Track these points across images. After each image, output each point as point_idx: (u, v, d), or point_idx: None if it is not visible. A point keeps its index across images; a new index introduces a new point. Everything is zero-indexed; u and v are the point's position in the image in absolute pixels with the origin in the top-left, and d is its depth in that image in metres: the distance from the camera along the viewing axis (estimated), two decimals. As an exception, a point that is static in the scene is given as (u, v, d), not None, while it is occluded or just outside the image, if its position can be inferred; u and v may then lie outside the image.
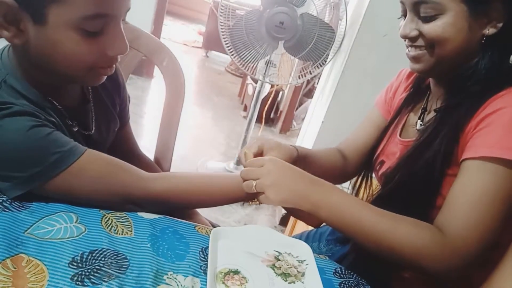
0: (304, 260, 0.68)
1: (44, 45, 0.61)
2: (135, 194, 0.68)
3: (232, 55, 2.08)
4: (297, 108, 3.38)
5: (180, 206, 0.76)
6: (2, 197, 0.62)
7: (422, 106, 0.85)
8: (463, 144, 0.68)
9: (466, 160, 0.65)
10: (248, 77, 3.36)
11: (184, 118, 1.12)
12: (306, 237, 1.07)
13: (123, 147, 0.98)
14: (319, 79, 2.47)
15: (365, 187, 0.95)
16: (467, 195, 0.63)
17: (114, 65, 0.70)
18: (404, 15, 0.75)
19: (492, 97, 0.66)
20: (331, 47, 2.00)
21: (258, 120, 2.77)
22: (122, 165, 0.69)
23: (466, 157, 0.66)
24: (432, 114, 0.79)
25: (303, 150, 0.88)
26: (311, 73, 2.15)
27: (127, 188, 0.67)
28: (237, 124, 3.40)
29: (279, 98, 3.47)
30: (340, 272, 0.70)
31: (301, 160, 0.85)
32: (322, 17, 2.01)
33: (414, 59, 0.75)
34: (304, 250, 0.70)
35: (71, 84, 0.75)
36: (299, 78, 2.21)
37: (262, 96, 2.37)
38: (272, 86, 2.96)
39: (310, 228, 1.11)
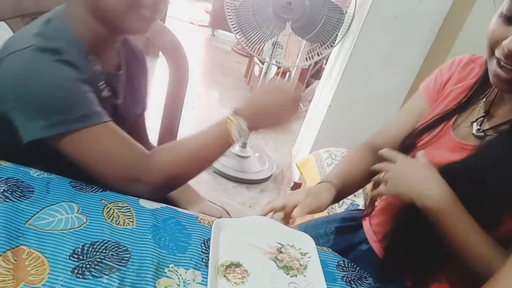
0: (306, 253, 0.67)
1: None
2: (141, 174, 0.69)
3: (239, 36, 2.04)
4: (304, 90, 3.34)
5: (183, 176, 0.75)
6: (2, 187, 0.61)
7: (485, 109, 0.74)
8: None
9: None
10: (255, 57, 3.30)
11: (189, 99, 1.11)
12: (304, 227, 1.02)
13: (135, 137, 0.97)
14: (327, 60, 2.43)
15: None
16: None
17: (152, 7, 0.70)
18: (508, 20, 0.60)
19: None
20: (340, 29, 1.95)
21: (264, 102, 2.73)
22: (138, 149, 0.70)
23: None
24: (497, 121, 0.70)
25: (339, 179, 0.83)
26: (318, 55, 2.11)
27: (134, 170, 0.69)
28: (243, 106, 3.37)
29: (286, 79, 3.42)
30: (342, 265, 0.70)
31: (341, 191, 0.82)
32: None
33: (505, 81, 0.63)
34: (307, 242, 0.69)
35: (119, 35, 0.77)
36: (307, 60, 2.17)
37: (268, 78, 2.34)
38: (279, 67, 2.91)
39: (315, 216, 1.09)
